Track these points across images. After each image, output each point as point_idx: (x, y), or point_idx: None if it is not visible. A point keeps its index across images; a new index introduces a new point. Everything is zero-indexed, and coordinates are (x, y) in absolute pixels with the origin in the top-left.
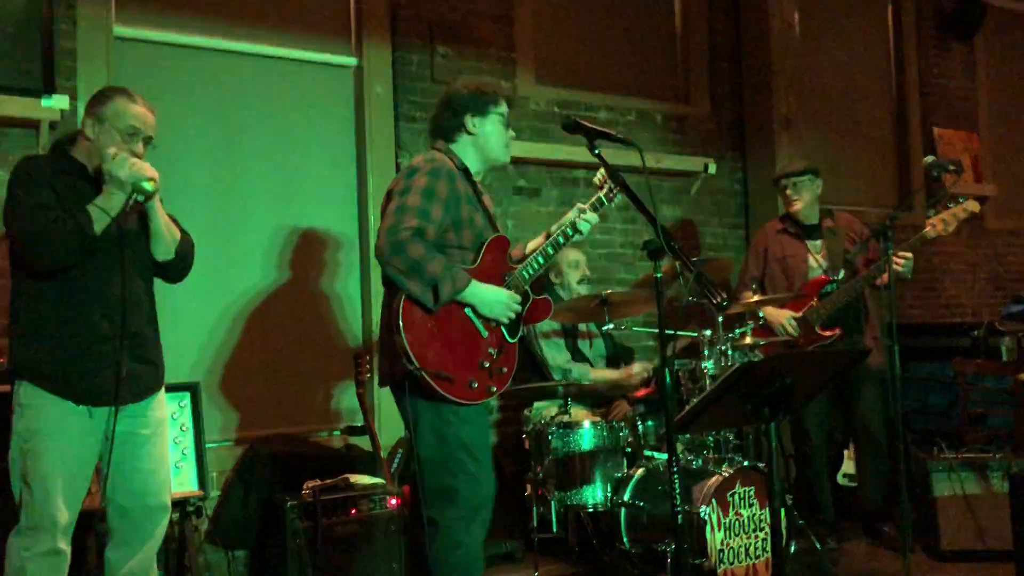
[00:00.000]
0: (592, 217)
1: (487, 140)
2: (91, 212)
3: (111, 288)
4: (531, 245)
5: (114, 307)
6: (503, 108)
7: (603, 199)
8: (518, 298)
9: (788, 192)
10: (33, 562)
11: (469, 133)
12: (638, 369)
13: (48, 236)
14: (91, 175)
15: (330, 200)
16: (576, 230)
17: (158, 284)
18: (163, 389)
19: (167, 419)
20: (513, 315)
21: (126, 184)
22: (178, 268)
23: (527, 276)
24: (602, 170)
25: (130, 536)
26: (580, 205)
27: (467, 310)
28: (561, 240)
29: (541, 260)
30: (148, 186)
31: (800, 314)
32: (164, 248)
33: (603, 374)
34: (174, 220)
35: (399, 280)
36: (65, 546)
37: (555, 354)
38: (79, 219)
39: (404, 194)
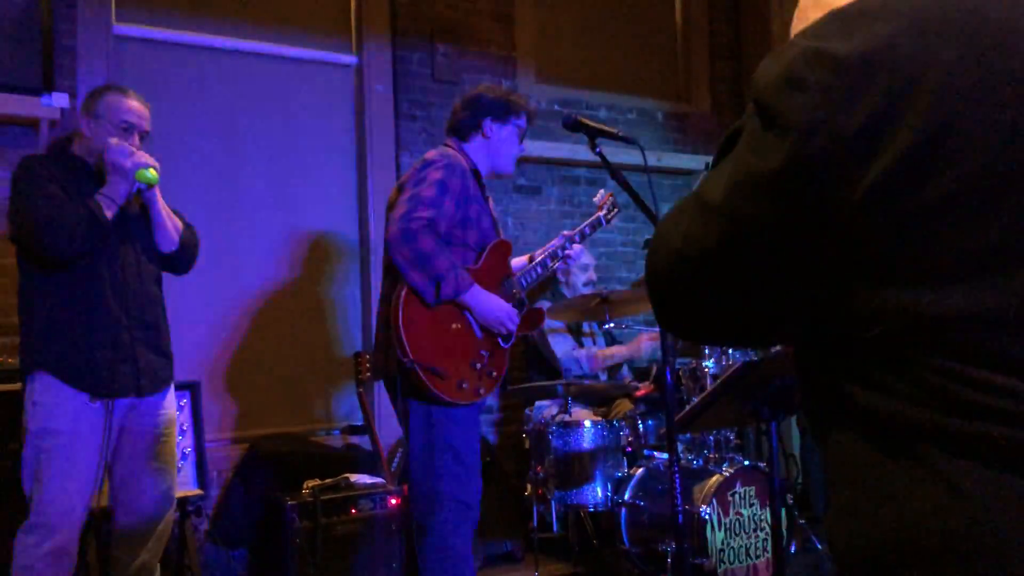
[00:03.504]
0: (578, 248)
1: (499, 147)
2: (100, 201)
3: (120, 278)
4: (514, 262)
5: (126, 297)
6: (522, 122)
7: (602, 220)
8: (516, 314)
9: None
10: (42, 560)
11: (484, 136)
12: (647, 339)
13: (61, 223)
14: (93, 171)
15: (330, 198)
16: (565, 254)
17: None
18: (172, 384)
19: (175, 417)
20: (509, 328)
21: (128, 173)
22: (183, 258)
23: (525, 284)
24: (602, 191)
25: (139, 534)
26: (567, 233)
27: (464, 311)
28: (559, 253)
29: (539, 271)
30: (151, 174)
31: None
32: (169, 238)
33: (610, 351)
34: (176, 213)
35: (403, 269)
36: (73, 546)
37: (562, 346)
38: (91, 206)
39: (418, 185)
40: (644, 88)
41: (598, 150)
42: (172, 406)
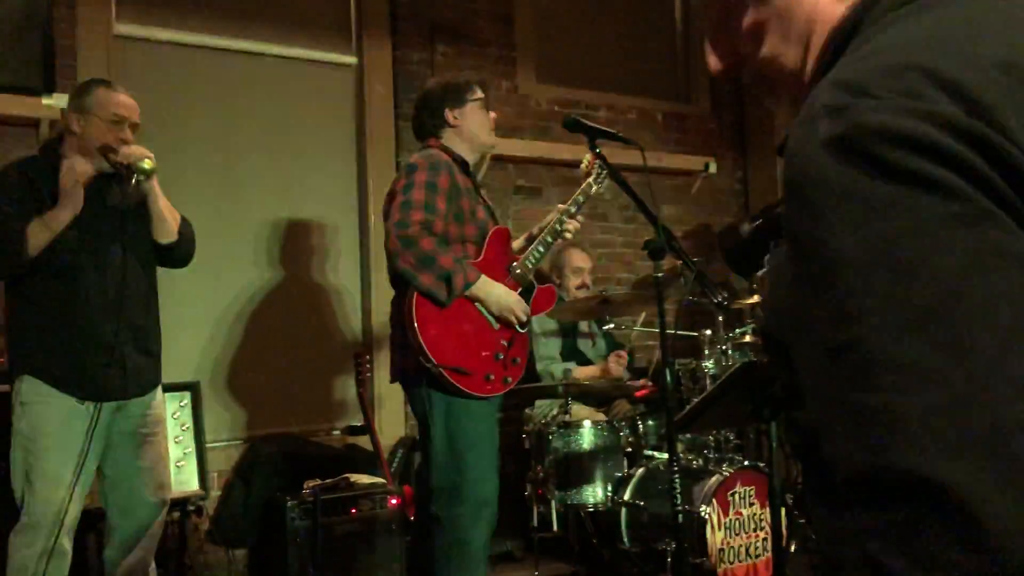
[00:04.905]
0: (574, 225)
1: (471, 128)
2: (31, 228)
3: (109, 278)
4: (515, 244)
5: (115, 298)
6: (479, 93)
7: (591, 186)
8: (524, 304)
9: None
10: (35, 560)
11: (451, 126)
12: (613, 361)
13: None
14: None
15: (330, 199)
16: (564, 229)
17: (159, 283)
18: (160, 384)
19: (165, 417)
20: (523, 317)
21: (72, 194)
22: (181, 251)
23: (530, 265)
24: (588, 155)
25: (129, 534)
26: (561, 207)
27: (476, 303)
28: (558, 227)
29: (542, 249)
30: (147, 164)
31: None
32: (167, 230)
33: (585, 372)
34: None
35: (411, 275)
36: (68, 545)
37: (544, 350)
38: (12, 236)
39: (407, 190)
40: (644, 88)
41: (597, 151)
42: (159, 406)
